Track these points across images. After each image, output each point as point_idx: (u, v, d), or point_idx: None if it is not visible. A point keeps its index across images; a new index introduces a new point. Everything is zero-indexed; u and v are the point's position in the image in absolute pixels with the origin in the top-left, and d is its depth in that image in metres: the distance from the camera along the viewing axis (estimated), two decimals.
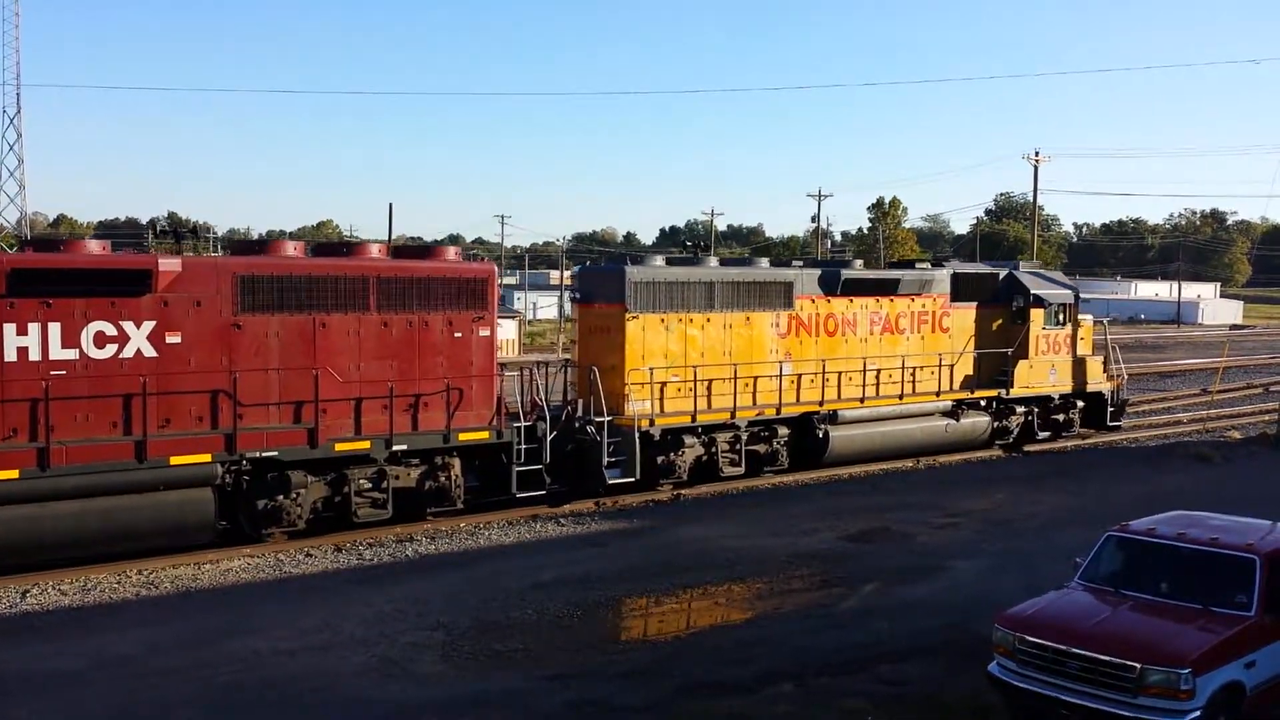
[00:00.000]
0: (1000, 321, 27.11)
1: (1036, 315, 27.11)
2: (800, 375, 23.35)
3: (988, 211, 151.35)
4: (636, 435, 20.11)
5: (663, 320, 21.40)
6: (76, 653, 12.31)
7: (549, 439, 19.21)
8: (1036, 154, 70.64)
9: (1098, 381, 28.61)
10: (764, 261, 24.61)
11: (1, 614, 13.91)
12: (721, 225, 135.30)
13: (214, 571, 15.85)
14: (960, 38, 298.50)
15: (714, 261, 23.66)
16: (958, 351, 26.13)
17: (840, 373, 23.85)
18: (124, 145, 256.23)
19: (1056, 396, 27.80)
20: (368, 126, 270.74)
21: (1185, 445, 27.99)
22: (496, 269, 19.91)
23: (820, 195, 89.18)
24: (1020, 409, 27.14)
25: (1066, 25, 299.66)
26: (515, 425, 18.96)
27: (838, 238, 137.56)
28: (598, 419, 19.92)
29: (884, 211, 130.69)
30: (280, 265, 17.09)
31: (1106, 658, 9.35)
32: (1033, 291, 27.12)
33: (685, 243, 25.46)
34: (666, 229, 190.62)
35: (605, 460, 19.82)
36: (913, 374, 25.09)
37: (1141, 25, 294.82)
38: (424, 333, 18.21)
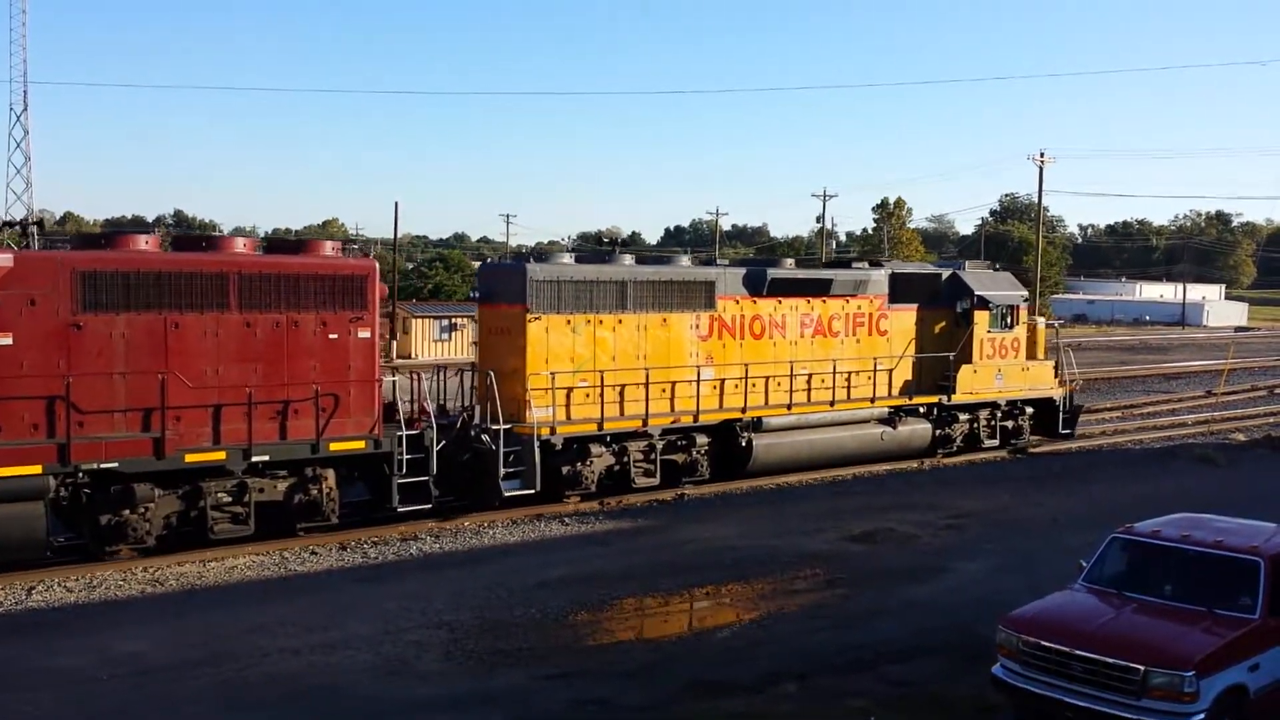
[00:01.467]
0: (943, 324, 25.91)
1: (981, 318, 25.82)
2: (723, 380, 22.17)
3: (993, 212, 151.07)
4: (536, 444, 18.95)
5: (569, 321, 20.11)
6: (83, 650, 12.35)
7: (436, 448, 17.98)
8: (1041, 155, 70.61)
9: (1048, 387, 27.40)
10: (685, 259, 23.45)
11: (7, 611, 13.95)
12: (726, 225, 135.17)
13: (219, 569, 15.89)
14: (966, 37, 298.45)
15: (629, 260, 22.26)
16: (897, 355, 25.03)
17: (768, 377, 22.76)
18: (130, 143, 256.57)
19: (1003, 403, 26.58)
20: (374, 125, 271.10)
21: (1190, 447, 28.00)
22: (378, 265, 18.29)
23: (825, 195, 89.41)
24: (964, 416, 26.00)
25: (1073, 25, 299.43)
26: (397, 434, 17.59)
27: (843, 238, 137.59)
28: (494, 427, 18.68)
29: (889, 212, 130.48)
30: (128, 260, 15.82)
31: (1110, 660, 9.35)
32: (977, 293, 25.73)
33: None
34: (671, 228, 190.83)
35: (502, 471, 18.61)
36: (847, 379, 24.01)
37: (1147, 26, 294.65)
38: (294, 334, 16.84)
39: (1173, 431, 31.42)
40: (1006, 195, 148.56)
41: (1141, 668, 9.21)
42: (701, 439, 21.69)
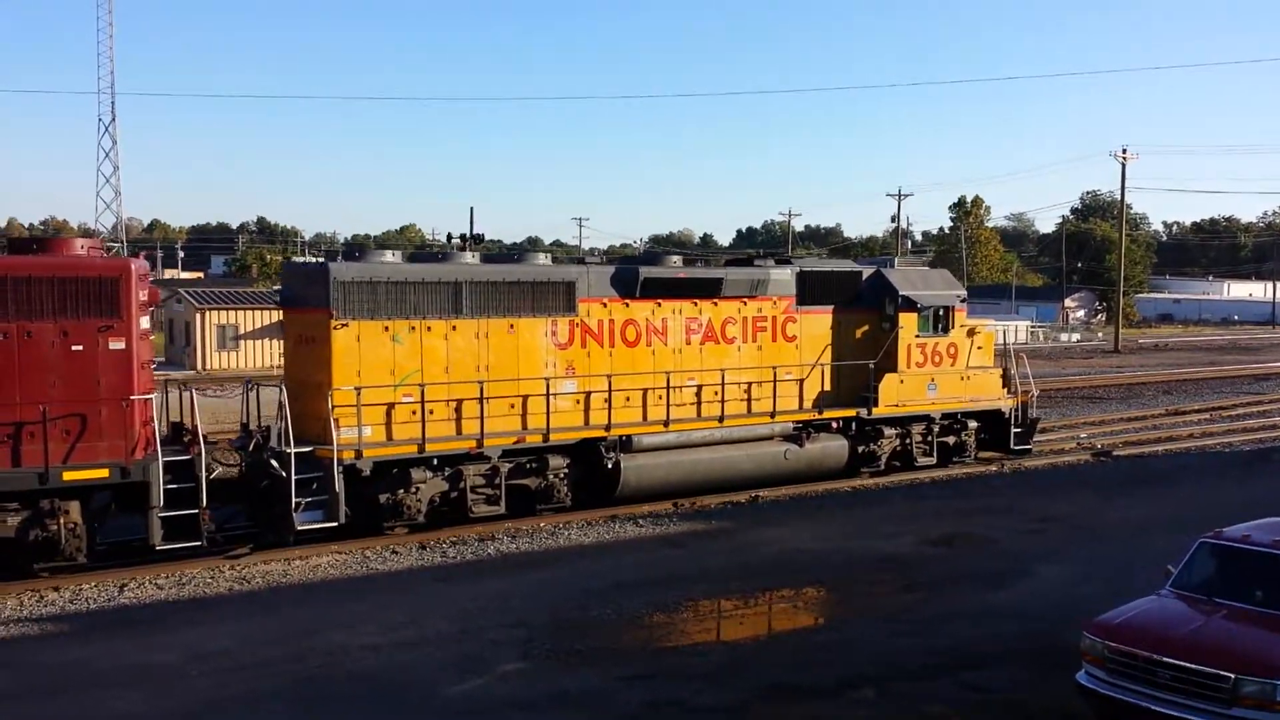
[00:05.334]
0: (866, 328, 23.13)
1: (908, 321, 23.00)
2: (588, 394, 19.60)
3: (1074, 210, 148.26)
4: (337, 470, 16.63)
5: (387, 328, 17.70)
6: (171, 646, 12.70)
7: (206, 476, 15.84)
8: (1124, 151, 69.16)
9: (994, 398, 24.43)
10: (543, 258, 20.65)
11: (100, 608, 14.43)
12: (799, 226, 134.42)
13: (303, 567, 16.23)
14: (1046, 33, 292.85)
15: (470, 257, 19.35)
16: (808, 364, 22.27)
17: (645, 390, 20.23)
18: (215, 152, 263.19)
19: (938, 416, 23.71)
20: (452, 131, 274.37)
21: None
22: (135, 266, 15.75)
23: (900, 195, 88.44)
24: (891, 431, 23.17)
25: (1155, 18, 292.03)
26: (157, 461, 15.37)
27: (918, 237, 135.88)
28: (286, 450, 16.39)
29: (966, 211, 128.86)
30: None
31: (1199, 667, 9.12)
32: (902, 293, 22.92)
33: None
34: (744, 230, 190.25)
35: (294, 501, 16.35)
36: (746, 391, 21.52)
37: (1235, 18, 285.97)
38: (26, 346, 14.68)
39: (1263, 434, 30.48)
40: (1088, 193, 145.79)
41: (1232, 675, 8.96)
42: (557, 461, 19.12)
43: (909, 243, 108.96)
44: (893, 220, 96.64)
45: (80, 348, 14.95)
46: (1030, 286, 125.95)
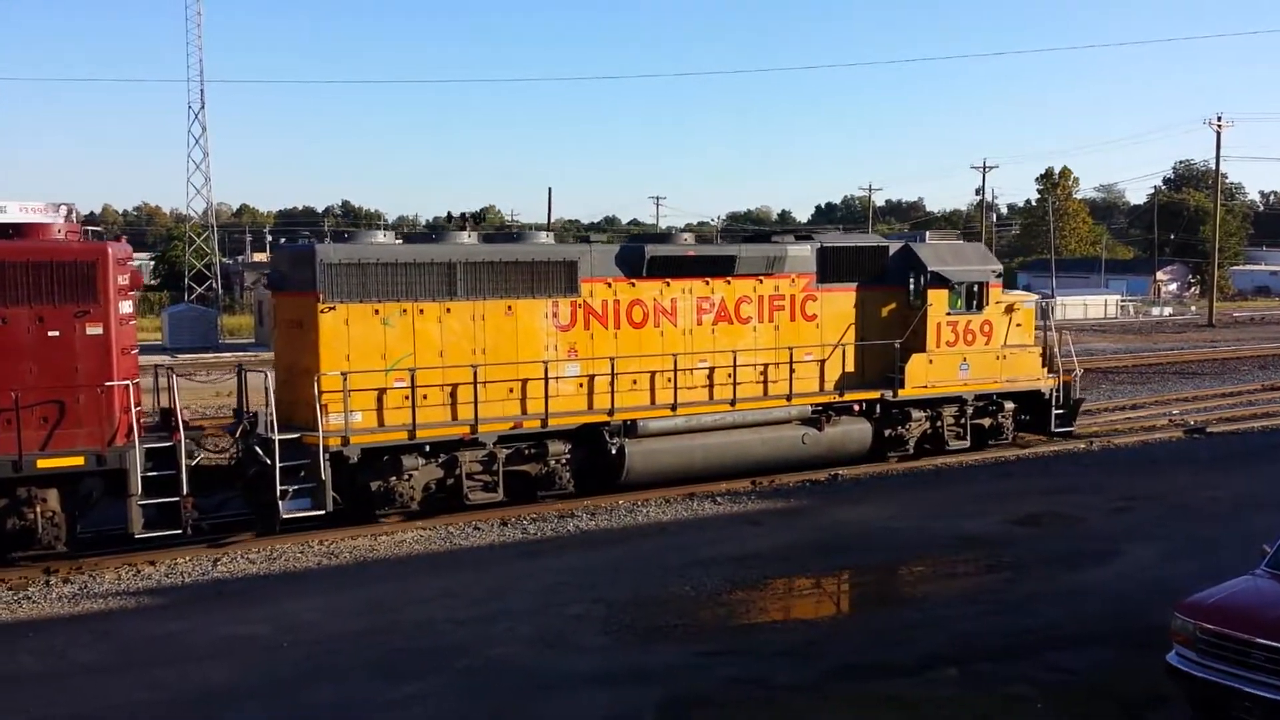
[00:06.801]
0: (893, 306, 22.23)
1: (938, 298, 22.09)
2: (592, 377, 19.05)
3: (1166, 180, 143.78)
4: (323, 457, 16.31)
5: (377, 311, 17.29)
6: (262, 618, 13.09)
7: (187, 462, 15.61)
8: (1219, 119, 66.92)
9: (1032, 377, 23.42)
10: (543, 236, 20.09)
11: (194, 581, 14.90)
12: (879, 200, 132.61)
13: (389, 542, 16.57)
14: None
15: (466, 237, 18.82)
16: (829, 345, 21.43)
17: (653, 373, 19.63)
18: (301, 136, 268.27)
19: (970, 397, 22.81)
20: (531, 112, 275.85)
21: None
22: (112, 250, 15.39)
23: (985, 167, 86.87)
24: (918, 413, 22.30)
25: None
26: (136, 448, 15.15)
27: (1004, 210, 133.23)
28: (271, 437, 16.22)
29: (1053, 183, 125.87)
30: None
31: None
32: (930, 268, 22.01)
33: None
34: (822, 205, 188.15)
35: (279, 488, 16.12)
36: (763, 373, 20.81)
37: None
38: (1, 332, 14.59)
39: None
40: (1181, 162, 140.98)
41: None
42: (557, 446, 18.61)
43: (994, 216, 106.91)
44: (977, 193, 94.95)
45: (57, 334, 14.78)
46: (1121, 259, 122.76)
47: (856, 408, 21.64)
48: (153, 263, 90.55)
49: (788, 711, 10.32)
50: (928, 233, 24.03)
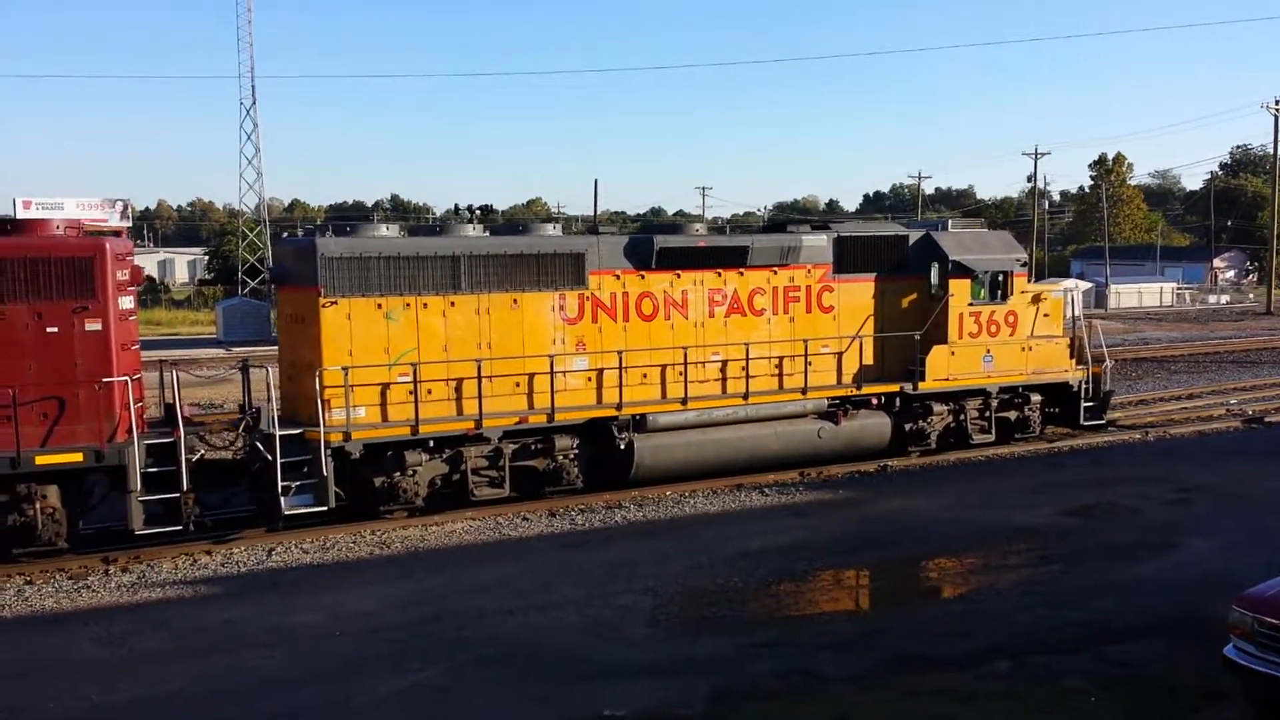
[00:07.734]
0: (913, 297, 21.69)
1: (960, 288, 21.47)
2: (600, 371, 18.77)
3: (1222, 166, 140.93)
4: (324, 453, 16.22)
5: (380, 305, 17.12)
6: (317, 607, 13.27)
7: (187, 459, 15.57)
8: (1276, 102, 65.40)
9: (1060, 369, 22.75)
10: (550, 228, 19.54)
11: (249, 570, 15.14)
12: (929, 189, 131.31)
13: (439, 533, 16.73)
14: None
15: (471, 230, 18.69)
16: (846, 337, 20.96)
17: (663, 366, 19.33)
18: (350, 131, 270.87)
19: (994, 390, 22.27)
20: (578, 104, 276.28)
21: None
22: (111, 245, 15.39)
23: (1036, 153, 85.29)
24: (940, 407, 21.73)
25: None
26: (136, 444, 15.09)
27: (1056, 198, 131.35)
28: (271, 432, 16.19)
29: (1107, 169, 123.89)
30: None
31: None
32: (952, 258, 21.38)
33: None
34: (871, 194, 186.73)
35: (281, 484, 16.02)
36: (778, 366, 20.37)
37: None
38: None
39: None
40: (1238, 147, 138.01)
41: None
42: (564, 441, 18.36)
43: (1046, 203, 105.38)
44: (1029, 180, 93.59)
45: (55, 330, 14.75)
46: (1176, 246, 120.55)
47: (875, 401, 21.15)
48: (206, 257, 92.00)
49: (837, 703, 10.28)
50: (950, 221, 23.45)
